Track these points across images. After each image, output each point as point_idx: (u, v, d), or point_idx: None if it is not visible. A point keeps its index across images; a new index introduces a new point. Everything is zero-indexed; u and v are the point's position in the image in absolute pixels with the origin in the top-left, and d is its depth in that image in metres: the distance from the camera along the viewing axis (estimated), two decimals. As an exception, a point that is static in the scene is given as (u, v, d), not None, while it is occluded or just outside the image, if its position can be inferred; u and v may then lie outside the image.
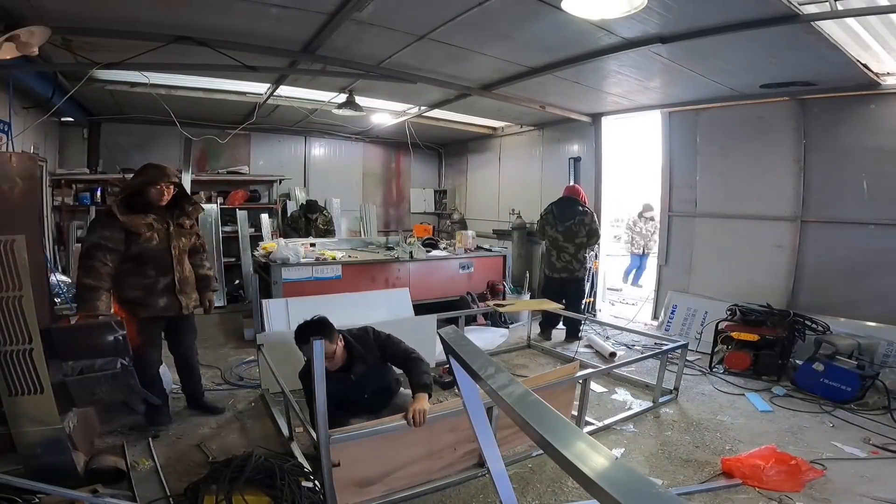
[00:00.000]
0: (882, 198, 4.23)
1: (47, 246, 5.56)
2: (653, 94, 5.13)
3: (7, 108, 4.31)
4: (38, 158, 5.28)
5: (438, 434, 2.54)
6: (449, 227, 9.25)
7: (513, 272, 6.76)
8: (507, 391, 1.02)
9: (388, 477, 2.42)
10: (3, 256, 2.11)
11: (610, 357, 4.69)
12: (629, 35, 3.47)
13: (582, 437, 0.82)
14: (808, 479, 2.62)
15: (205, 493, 2.11)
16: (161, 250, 2.94)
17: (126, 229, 2.81)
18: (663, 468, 2.82)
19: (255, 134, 7.99)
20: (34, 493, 2.05)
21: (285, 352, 3.53)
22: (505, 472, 1.38)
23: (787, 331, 4.19)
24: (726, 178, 5.30)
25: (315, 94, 5.76)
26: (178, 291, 3.01)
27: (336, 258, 5.38)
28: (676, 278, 5.75)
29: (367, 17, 3.24)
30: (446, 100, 5.84)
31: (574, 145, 6.95)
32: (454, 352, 1.28)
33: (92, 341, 2.49)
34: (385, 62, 4.26)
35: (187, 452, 2.85)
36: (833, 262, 4.56)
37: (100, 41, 3.64)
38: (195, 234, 3.23)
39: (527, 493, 2.55)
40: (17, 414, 2.20)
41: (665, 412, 3.57)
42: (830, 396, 3.67)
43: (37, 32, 2.94)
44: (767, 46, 3.46)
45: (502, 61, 4.24)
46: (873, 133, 4.28)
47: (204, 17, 3.33)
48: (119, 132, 7.05)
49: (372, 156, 9.35)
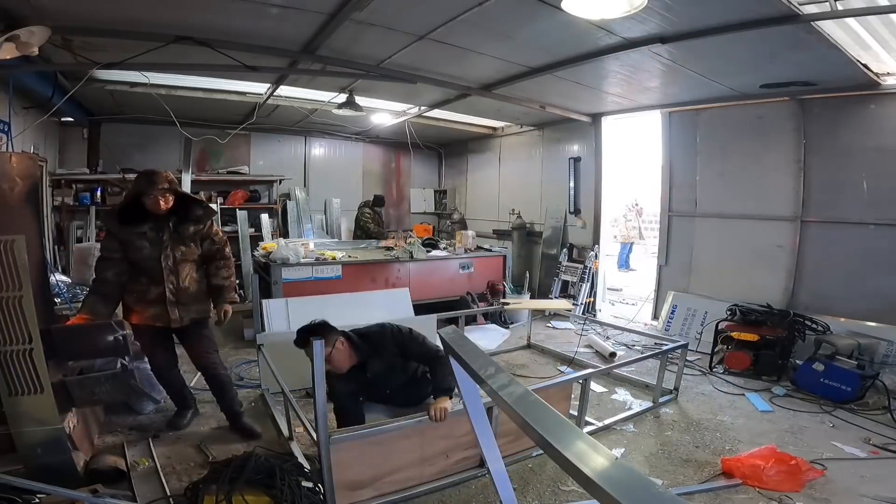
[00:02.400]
0: (882, 198, 4.23)
1: (47, 246, 5.55)
2: (653, 94, 5.13)
3: (7, 108, 4.31)
4: (38, 158, 5.27)
5: (431, 441, 2.53)
6: (449, 227, 9.25)
7: (513, 272, 6.76)
8: (507, 391, 1.02)
9: (379, 481, 2.41)
10: (3, 256, 2.11)
11: (610, 357, 4.69)
12: (629, 35, 3.47)
13: (582, 437, 0.82)
14: (808, 479, 2.62)
15: (205, 493, 2.11)
16: (152, 260, 2.83)
17: (120, 240, 2.82)
18: (663, 468, 2.82)
19: (255, 134, 7.99)
20: (34, 493, 2.05)
21: (285, 352, 3.54)
22: (505, 472, 1.38)
23: (787, 331, 4.19)
24: (726, 178, 5.30)
25: (315, 94, 5.76)
26: (169, 303, 2.88)
27: (336, 258, 5.39)
28: (676, 278, 5.75)
29: (366, 17, 3.24)
30: (446, 100, 5.84)
31: (574, 145, 6.95)
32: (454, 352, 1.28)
33: (92, 341, 2.49)
34: (385, 62, 4.26)
35: (187, 452, 2.85)
36: (833, 262, 4.56)
37: (100, 41, 3.64)
38: (209, 240, 3.04)
39: (527, 493, 2.55)
40: (17, 414, 2.20)
41: (665, 412, 3.57)
42: (830, 396, 3.67)
43: (37, 32, 2.94)
44: (767, 46, 3.46)
45: (502, 61, 4.24)
46: (873, 133, 4.28)
47: (204, 17, 3.32)
48: (119, 132, 7.05)
49: (372, 156, 9.35)
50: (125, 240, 2.81)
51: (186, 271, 2.94)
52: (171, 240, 2.88)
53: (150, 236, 2.84)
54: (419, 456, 2.51)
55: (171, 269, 2.88)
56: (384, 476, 2.43)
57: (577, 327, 5.53)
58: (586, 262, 6.43)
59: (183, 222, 2.92)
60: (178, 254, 2.90)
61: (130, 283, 2.89)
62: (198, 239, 3.00)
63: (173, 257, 2.88)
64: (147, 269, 2.86)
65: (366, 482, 2.38)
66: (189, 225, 2.93)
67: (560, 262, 6.79)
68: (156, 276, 2.86)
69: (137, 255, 2.83)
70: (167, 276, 2.87)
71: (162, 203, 2.79)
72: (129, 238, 2.81)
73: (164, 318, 2.90)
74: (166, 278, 2.87)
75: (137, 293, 2.89)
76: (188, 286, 2.95)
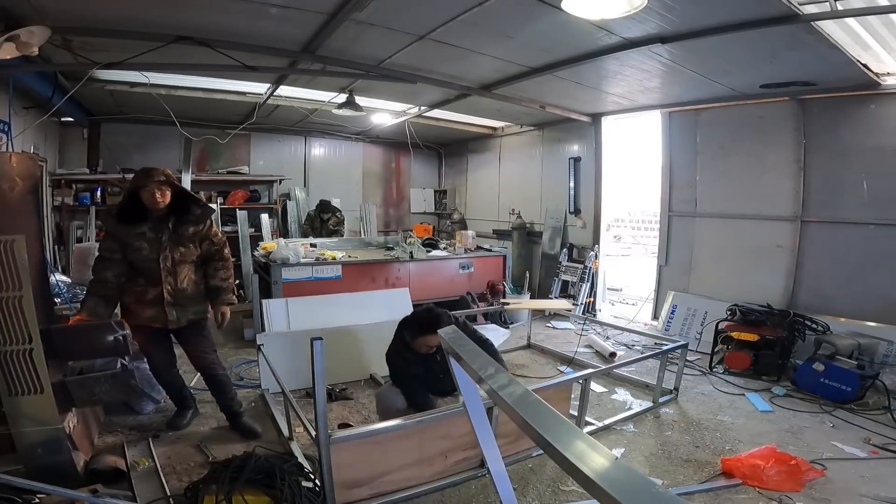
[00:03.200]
0: (882, 198, 4.23)
1: (47, 246, 5.56)
2: (653, 94, 5.13)
3: (7, 108, 4.31)
4: (38, 158, 5.28)
5: (430, 441, 2.52)
6: (449, 227, 9.25)
7: (513, 272, 6.76)
8: (507, 391, 1.02)
9: (376, 481, 2.40)
10: (3, 256, 2.11)
11: (610, 357, 4.69)
12: (629, 35, 3.47)
13: (582, 437, 0.82)
14: (808, 479, 2.62)
15: (205, 493, 2.11)
16: (150, 261, 2.82)
17: (119, 240, 2.81)
18: (663, 468, 2.82)
19: (255, 134, 8.00)
20: (34, 493, 2.05)
21: (285, 352, 3.55)
22: (505, 472, 1.38)
23: (787, 331, 4.19)
24: (726, 178, 5.30)
25: (315, 94, 5.77)
26: (167, 303, 2.86)
27: (336, 258, 5.38)
28: (676, 278, 5.75)
29: (366, 17, 3.24)
30: (446, 100, 5.84)
31: (574, 145, 6.96)
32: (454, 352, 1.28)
33: (92, 341, 2.49)
34: (385, 62, 4.26)
35: (187, 452, 2.85)
36: (833, 262, 4.56)
37: (100, 41, 3.64)
38: (208, 241, 3.02)
39: (527, 493, 2.55)
40: (17, 414, 2.20)
41: (665, 412, 3.57)
42: (830, 396, 3.67)
43: (37, 32, 2.94)
44: (767, 46, 3.46)
45: (502, 61, 4.24)
46: (873, 133, 4.28)
47: (204, 17, 3.32)
48: (119, 132, 7.06)
49: (372, 156, 9.36)
50: (124, 240, 2.81)
51: (185, 272, 2.93)
52: (170, 241, 2.86)
53: (149, 237, 2.82)
54: (417, 457, 2.51)
55: (170, 270, 2.87)
56: (383, 476, 2.43)
57: (577, 327, 5.53)
58: (586, 262, 6.43)
59: (182, 223, 2.90)
60: (177, 255, 2.88)
61: (128, 283, 2.88)
62: (197, 240, 2.98)
63: (172, 258, 2.87)
64: (145, 270, 2.85)
65: (365, 482, 2.38)
66: (188, 226, 2.92)
67: (560, 262, 6.80)
68: (154, 276, 2.85)
69: (136, 256, 2.82)
70: (165, 276, 2.85)
71: (158, 196, 2.75)
72: (127, 238, 2.80)
73: (161, 318, 2.89)
74: (164, 279, 2.85)
75: (135, 294, 2.88)
76: (186, 287, 2.93)
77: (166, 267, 2.86)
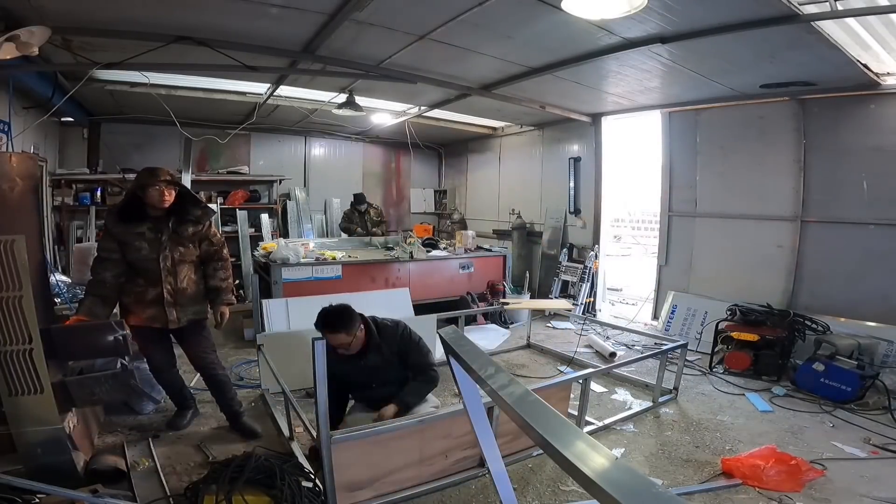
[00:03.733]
0: (882, 198, 4.23)
1: (47, 246, 5.55)
2: (653, 94, 5.13)
3: (7, 108, 4.31)
4: (38, 158, 5.28)
5: (430, 441, 2.52)
6: (449, 227, 9.25)
7: (513, 272, 6.76)
8: (507, 391, 1.02)
9: (378, 482, 2.40)
10: (3, 256, 2.11)
11: (610, 357, 4.69)
12: (629, 35, 3.47)
13: (582, 437, 0.82)
14: (808, 479, 2.62)
15: (205, 493, 2.11)
16: (150, 261, 2.82)
17: (118, 240, 2.81)
18: (663, 468, 2.82)
19: (255, 134, 7.99)
20: (34, 493, 2.05)
21: (285, 352, 3.54)
22: (505, 472, 1.38)
23: (787, 331, 4.19)
24: (726, 178, 5.30)
25: (315, 94, 5.76)
26: (167, 303, 2.86)
27: (336, 258, 5.39)
28: (676, 278, 5.75)
29: (366, 17, 3.24)
30: (446, 100, 5.84)
31: (574, 145, 6.95)
32: (454, 352, 1.28)
33: (92, 341, 2.49)
34: (385, 62, 4.26)
35: (187, 452, 2.85)
36: (833, 262, 4.56)
37: (100, 41, 3.63)
38: (207, 241, 3.03)
39: (527, 493, 2.55)
40: (17, 414, 2.20)
41: (665, 412, 3.57)
42: (830, 396, 3.67)
43: (37, 32, 2.94)
44: (767, 46, 3.46)
45: (502, 61, 4.24)
46: (873, 133, 4.28)
47: (204, 17, 3.32)
48: (119, 132, 7.05)
49: (372, 156, 9.35)
50: (123, 240, 2.81)
51: (184, 272, 2.93)
52: (169, 241, 2.86)
53: (149, 237, 2.82)
54: (418, 457, 2.51)
55: (170, 270, 2.87)
56: (383, 476, 2.42)
57: (577, 327, 5.52)
58: (586, 262, 6.43)
59: (182, 223, 2.90)
60: (177, 255, 2.89)
61: (128, 283, 2.88)
62: (196, 240, 2.99)
63: (172, 258, 2.87)
64: (145, 270, 2.85)
65: (366, 482, 2.38)
66: (188, 226, 2.92)
67: (560, 262, 6.79)
68: (153, 276, 2.85)
69: (135, 256, 2.82)
70: (165, 276, 2.86)
71: (165, 195, 2.78)
72: (127, 238, 2.80)
73: (161, 318, 2.89)
74: (164, 279, 2.86)
75: (135, 294, 2.88)
76: (186, 287, 2.93)
77: (166, 267, 2.86)
